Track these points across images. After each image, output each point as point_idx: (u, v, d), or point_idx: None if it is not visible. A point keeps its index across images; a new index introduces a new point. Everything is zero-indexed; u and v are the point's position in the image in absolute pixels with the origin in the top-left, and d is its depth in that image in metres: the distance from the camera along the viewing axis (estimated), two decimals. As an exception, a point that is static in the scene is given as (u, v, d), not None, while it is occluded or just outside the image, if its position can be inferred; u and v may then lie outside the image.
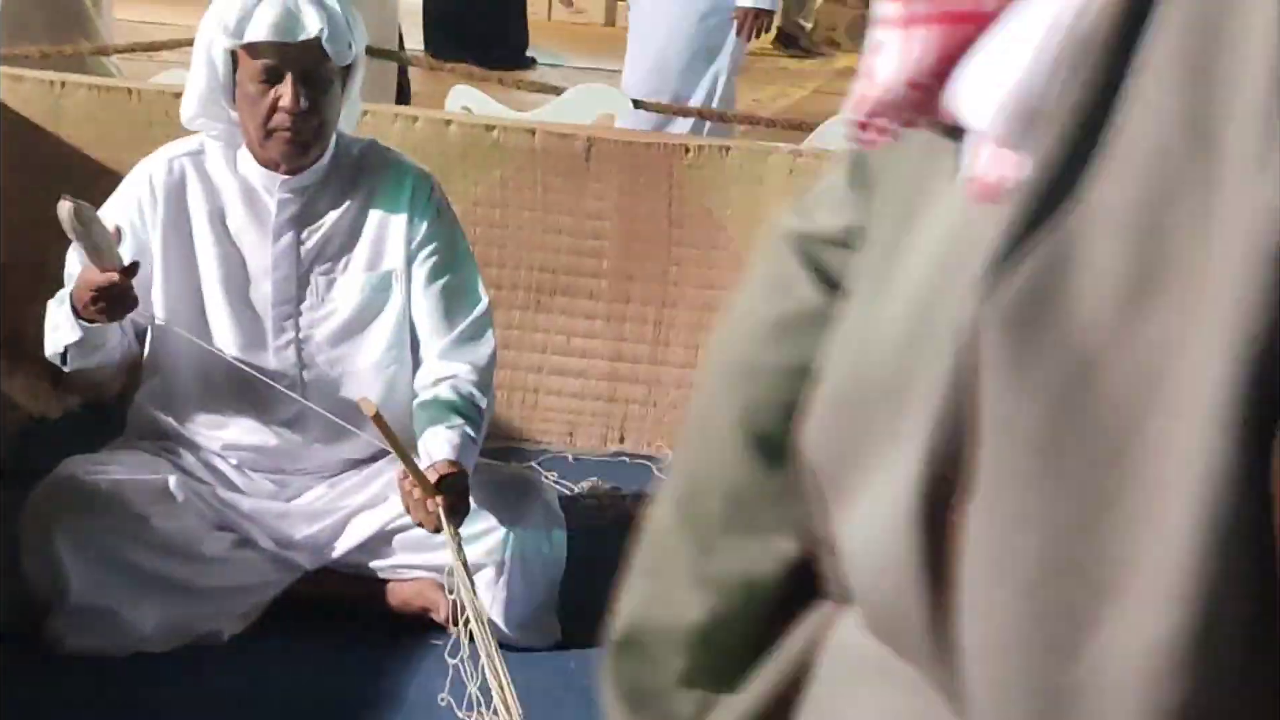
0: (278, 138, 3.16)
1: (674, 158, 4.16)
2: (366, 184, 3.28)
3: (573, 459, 4.19)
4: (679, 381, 4.24)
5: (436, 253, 3.29)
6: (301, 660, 3.13)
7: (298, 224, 3.24)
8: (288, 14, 3.09)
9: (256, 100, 3.13)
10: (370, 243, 3.27)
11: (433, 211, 3.30)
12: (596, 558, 3.48)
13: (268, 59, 3.10)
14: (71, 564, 3.04)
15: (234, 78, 3.16)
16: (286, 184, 3.22)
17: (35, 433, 4.08)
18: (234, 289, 3.23)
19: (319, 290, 3.26)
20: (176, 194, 3.24)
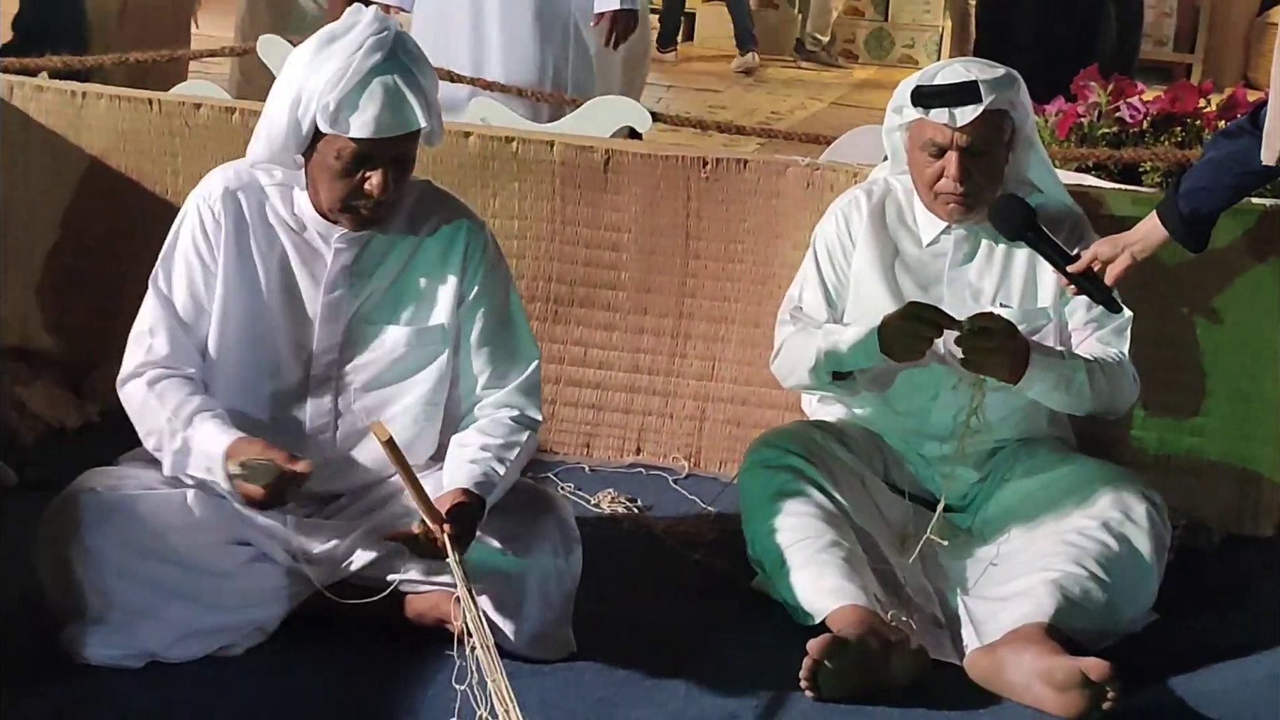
0: (354, 213, 3.11)
1: (692, 171, 4.15)
2: (420, 233, 3.22)
3: (589, 470, 4.18)
4: (696, 393, 4.23)
5: (489, 311, 3.25)
6: (317, 672, 3.12)
7: (350, 274, 3.19)
8: (393, 111, 3.01)
9: (339, 178, 3.07)
10: (420, 297, 3.22)
11: (486, 267, 3.25)
12: (612, 571, 3.50)
13: (362, 148, 3.03)
14: (87, 577, 3.02)
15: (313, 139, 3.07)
16: (345, 236, 3.17)
17: (54, 441, 4.07)
18: (284, 328, 3.19)
19: (364, 340, 3.21)
20: (239, 227, 3.17)
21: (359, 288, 3.20)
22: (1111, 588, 3.33)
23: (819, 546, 3.35)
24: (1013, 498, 3.56)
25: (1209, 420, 4.04)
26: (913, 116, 3.53)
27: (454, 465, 3.13)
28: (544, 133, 4.34)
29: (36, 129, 4.29)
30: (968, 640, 3.31)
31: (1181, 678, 3.32)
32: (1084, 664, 3.12)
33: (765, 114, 8.94)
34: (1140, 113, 4.20)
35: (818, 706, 3.10)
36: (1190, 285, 3.94)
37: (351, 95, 3.00)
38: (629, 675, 3.17)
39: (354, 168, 3.05)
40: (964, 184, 3.50)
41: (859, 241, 3.65)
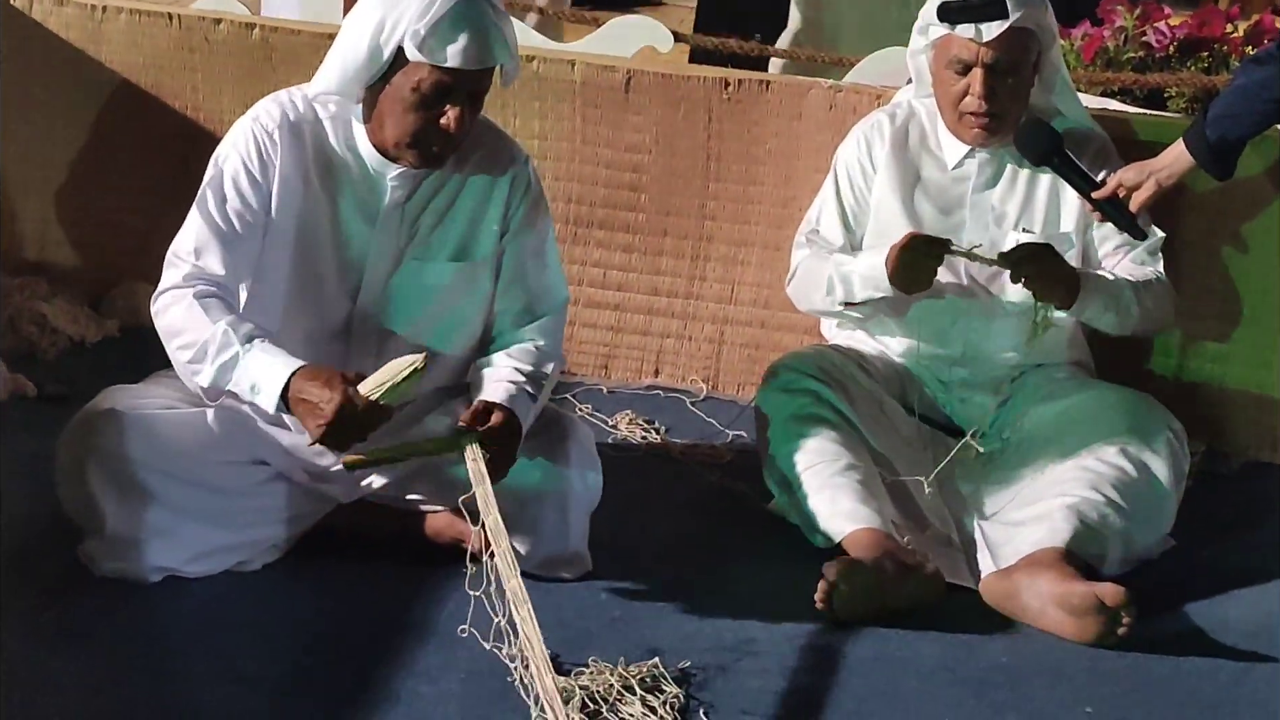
0: (423, 149, 3.06)
1: (713, 92, 4.12)
2: (469, 168, 3.19)
3: (607, 391, 4.18)
4: (715, 316, 4.22)
5: (527, 246, 3.24)
6: (334, 587, 3.13)
7: (402, 210, 3.17)
8: (481, 44, 2.97)
9: (414, 110, 3.01)
10: (465, 233, 3.20)
11: (529, 203, 3.24)
12: (629, 491, 3.50)
13: (444, 78, 2.98)
14: (105, 496, 3.02)
15: (387, 71, 3.02)
16: (402, 174, 3.13)
17: (74, 356, 4.08)
18: (334, 259, 3.16)
19: (412, 275, 3.19)
20: (297, 156, 3.11)
21: (409, 225, 3.18)
22: (1128, 513, 3.32)
23: (835, 470, 3.35)
24: (1031, 423, 3.55)
25: (1229, 347, 4.02)
26: (939, 33, 3.49)
27: (489, 384, 3.12)
28: (565, 52, 4.31)
29: (56, 43, 4.27)
30: (983, 564, 3.31)
31: (1198, 604, 3.32)
32: (1100, 589, 3.11)
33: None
34: (1167, 37, 4.17)
35: (832, 628, 3.10)
36: (1213, 212, 3.91)
37: (443, 24, 2.95)
38: (645, 595, 3.18)
39: (433, 100, 3.00)
40: (989, 102, 3.47)
41: (880, 165, 3.63)
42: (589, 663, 2.88)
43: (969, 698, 2.95)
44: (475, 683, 2.85)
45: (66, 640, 2.90)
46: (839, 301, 3.52)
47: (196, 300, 3.02)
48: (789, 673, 2.96)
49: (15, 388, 3.81)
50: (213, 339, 2.98)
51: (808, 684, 2.94)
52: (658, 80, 4.15)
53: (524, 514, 3.13)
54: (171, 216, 4.15)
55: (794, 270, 3.63)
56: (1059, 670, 3.06)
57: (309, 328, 3.17)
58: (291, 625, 3.02)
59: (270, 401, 2.95)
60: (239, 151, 3.11)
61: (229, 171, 3.10)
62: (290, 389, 2.93)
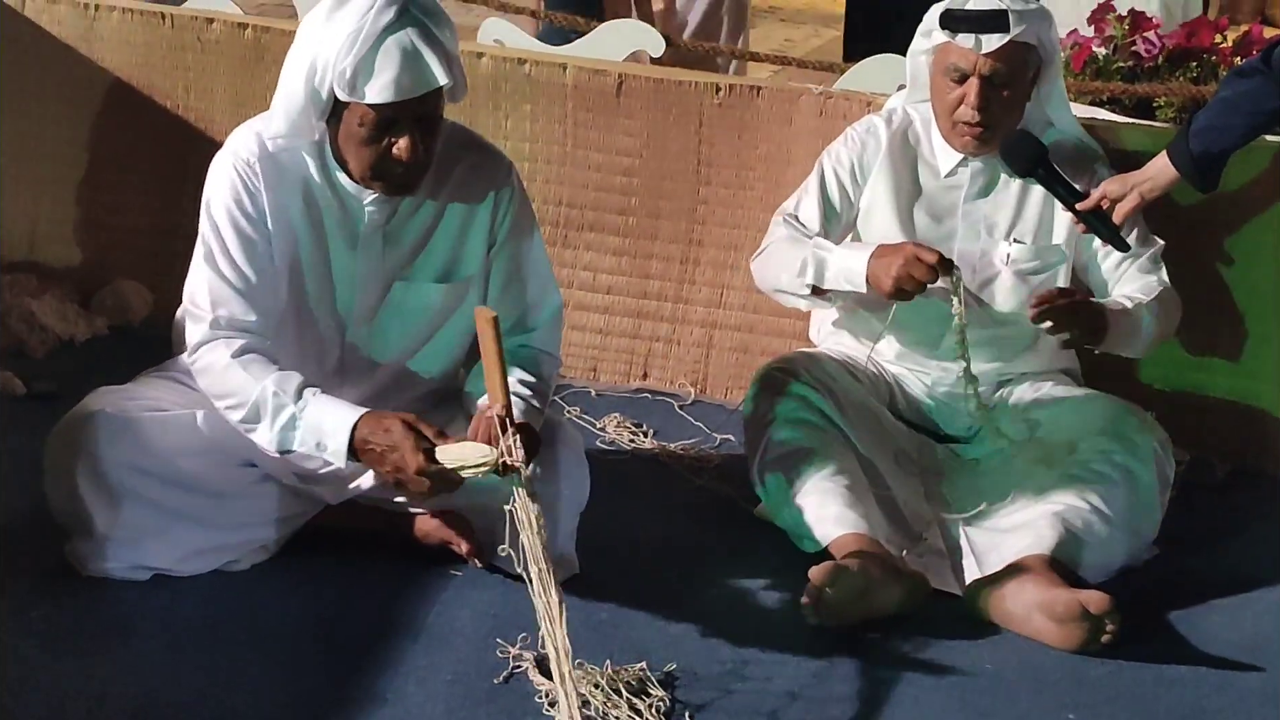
0: (387, 179, 3.03)
1: (704, 97, 4.13)
2: (450, 184, 3.17)
3: (596, 394, 4.19)
4: (704, 320, 4.23)
5: (515, 256, 3.24)
6: (322, 587, 3.14)
7: (384, 236, 3.15)
8: (411, 70, 2.90)
9: (365, 145, 2.98)
10: (451, 251, 3.19)
11: (514, 213, 3.22)
12: (617, 494, 3.51)
13: (385, 114, 2.94)
14: (93, 498, 3.02)
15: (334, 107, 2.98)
16: (378, 199, 3.11)
17: (63, 354, 4.08)
18: (320, 287, 3.15)
19: (398, 298, 3.18)
20: (279, 187, 3.08)
21: (392, 248, 3.17)
22: (1114, 521, 3.33)
23: (823, 474, 3.36)
24: (1017, 431, 3.56)
25: (1214, 357, 4.04)
26: (939, 40, 3.50)
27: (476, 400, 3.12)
28: (557, 55, 4.32)
29: (48, 41, 4.27)
30: (968, 570, 3.32)
31: (1182, 612, 3.33)
32: (1084, 596, 3.13)
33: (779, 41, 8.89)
34: (1156, 47, 4.19)
35: (818, 632, 3.11)
36: (1200, 223, 3.92)
37: (366, 60, 2.89)
38: (632, 598, 3.19)
39: (379, 134, 2.96)
40: (982, 113, 3.47)
41: (874, 169, 3.63)
42: (577, 665, 2.89)
43: (953, 703, 2.96)
44: (463, 683, 2.86)
45: (54, 639, 2.90)
46: (807, 283, 3.48)
47: (235, 360, 2.99)
48: (774, 676, 2.97)
49: (3, 385, 3.81)
50: (263, 401, 2.95)
51: (793, 688, 2.95)
52: (649, 84, 4.16)
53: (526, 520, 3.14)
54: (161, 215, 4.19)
55: (764, 246, 3.61)
56: (1043, 676, 3.07)
57: (302, 354, 3.15)
58: (279, 625, 3.03)
59: (340, 456, 2.93)
60: (227, 193, 3.06)
61: (223, 218, 3.06)
62: (357, 439, 2.91)
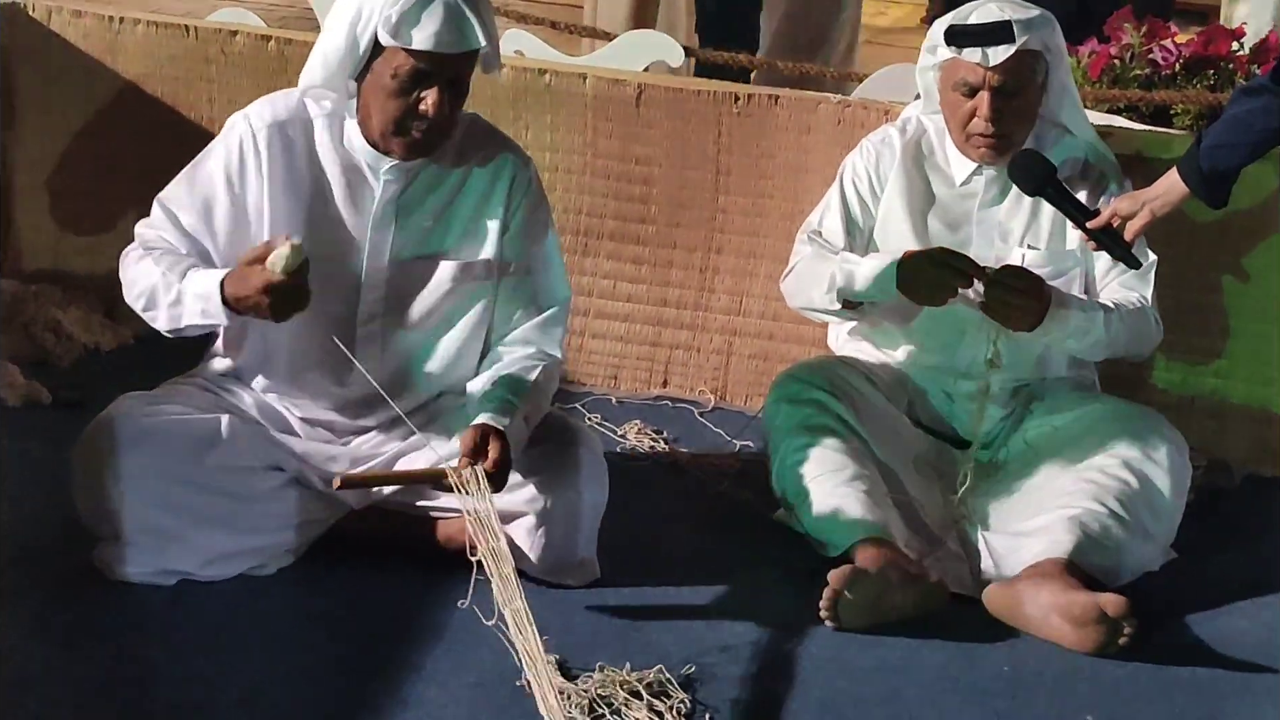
0: (409, 137, 3.10)
1: (723, 106, 4.15)
2: (466, 167, 3.23)
3: (616, 402, 4.21)
4: (723, 327, 4.25)
5: (529, 247, 3.27)
6: (346, 592, 3.17)
7: (398, 208, 3.20)
8: (454, 26, 3.01)
9: (393, 96, 3.06)
10: (465, 232, 3.24)
11: (530, 202, 3.27)
12: (637, 500, 3.53)
13: (421, 64, 3.02)
14: (120, 501, 3.05)
15: (369, 60, 3.08)
16: (395, 167, 3.17)
17: (89, 363, 4.11)
18: (329, 258, 3.17)
19: (411, 274, 3.23)
20: (285, 159, 3.16)
21: (406, 220, 3.20)
22: (1131, 525, 3.35)
23: (841, 480, 3.38)
24: (1035, 435, 3.58)
25: (1231, 362, 4.05)
26: (946, 56, 3.52)
27: (472, 404, 3.15)
28: (577, 65, 4.35)
29: (73, 54, 4.30)
30: (987, 574, 3.34)
31: (1199, 616, 3.35)
32: (1101, 600, 3.15)
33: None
34: (1173, 55, 4.19)
35: (837, 636, 3.14)
36: (1215, 231, 3.94)
37: (414, 9, 3.00)
38: (652, 603, 3.21)
39: (410, 85, 3.05)
40: (996, 125, 3.50)
41: (889, 179, 3.66)
42: (596, 668, 2.92)
43: (971, 706, 2.99)
44: (484, 687, 2.89)
45: (81, 644, 2.93)
46: (838, 298, 3.53)
47: (145, 254, 3.13)
48: (793, 679, 3.00)
49: (30, 394, 3.84)
50: (157, 286, 3.08)
51: (812, 691, 2.98)
52: (668, 94, 4.18)
53: (533, 522, 3.17)
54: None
55: (792, 265, 3.64)
56: (1061, 679, 3.09)
57: (312, 328, 3.18)
58: (302, 630, 3.06)
59: (218, 314, 3.02)
60: (221, 155, 3.19)
61: (209, 166, 3.19)
62: (227, 298, 3.00)
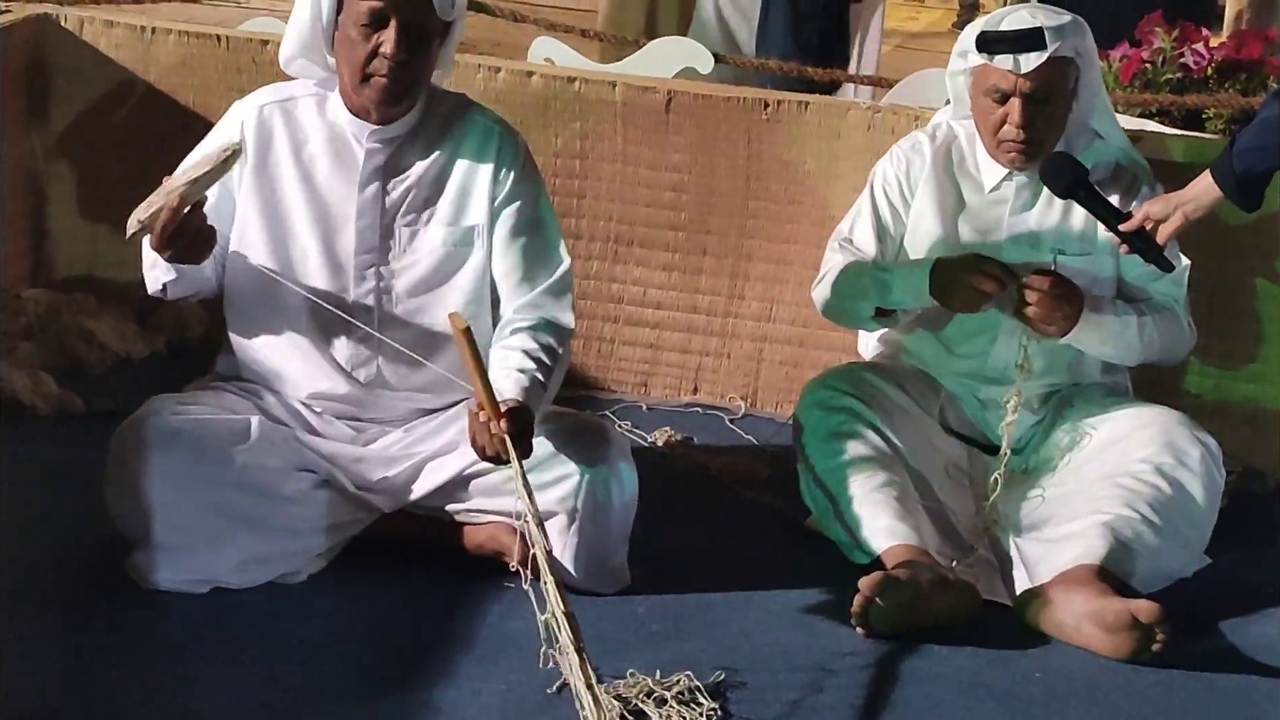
0: (374, 84, 3.17)
1: (753, 112, 4.16)
2: (454, 138, 3.29)
3: (646, 409, 4.21)
4: (754, 334, 4.25)
5: (520, 211, 3.29)
6: (377, 599, 3.17)
7: (384, 174, 3.26)
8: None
9: (356, 44, 3.15)
10: (454, 197, 3.28)
11: (518, 169, 3.30)
12: (668, 507, 3.54)
13: (374, 3, 3.12)
14: (154, 502, 3.07)
15: (336, 22, 3.18)
16: (376, 133, 3.24)
17: (122, 372, 4.13)
18: (318, 236, 3.25)
19: (402, 241, 3.27)
20: (264, 141, 3.26)
21: (394, 187, 3.26)
22: (1164, 531, 3.34)
23: (872, 486, 3.38)
24: (1067, 441, 3.57)
25: (1266, 367, 4.04)
26: (977, 62, 3.52)
27: (499, 374, 3.12)
28: (606, 73, 4.35)
29: (106, 63, 4.33)
30: (1019, 580, 3.33)
31: (1232, 622, 3.34)
32: (1134, 606, 3.14)
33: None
34: (1205, 59, 4.19)
35: (868, 643, 3.13)
36: (1249, 234, 3.92)
37: None
38: (683, 610, 3.21)
39: (370, 29, 3.13)
40: (1027, 131, 3.49)
41: (919, 185, 3.65)
42: (626, 675, 2.92)
43: (1003, 713, 2.98)
44: (517, 694, 2.89)
45: (115, 653, 2.94)
46: (872, 305, 3.53)
47: None
48: (825, 687, 2.99)
49: (64, 404, 3.86)
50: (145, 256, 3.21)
51: (843, 698, 2.97)
52: (698, 101, 4.19)
53: (565, 521, 3.17)
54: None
55: (823, 274, 3.63)
56: (1093, 686, 3.08)
57: (307, 300, 3.23)
58: (334, 638, 3.06)
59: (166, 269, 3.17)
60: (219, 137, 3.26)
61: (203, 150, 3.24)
62: None
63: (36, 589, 3.11)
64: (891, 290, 3.49)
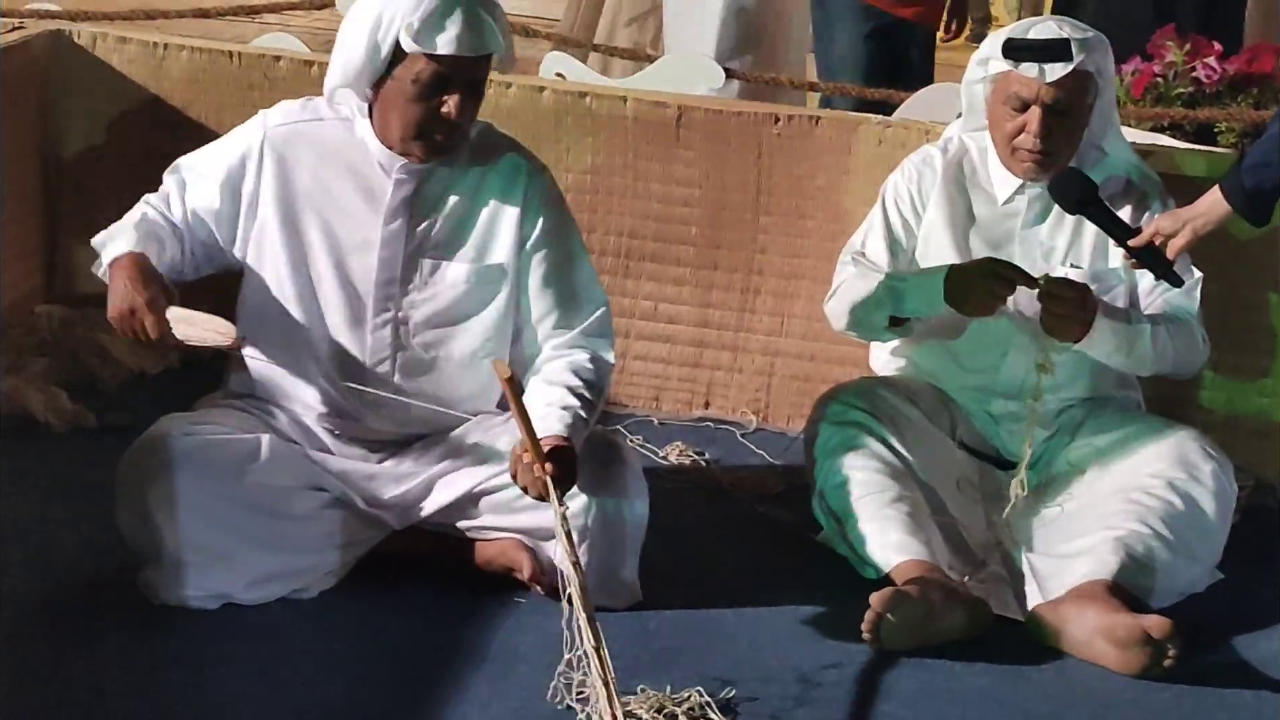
0: (428, 139, 3.15)
1: (763, 127, 4.16)
2: (480, 172, 3.26)
3: (658, 423, 4.21)
4: (765, 348, 4.25)
5: (550, 256, 3.28)
6: (388, 615, 3.17)
7: (411, 206, 3.23)
8: (475, 30, 3.07)
9: (414, 101, 3.11)
10: (480, 234, 3.26)
11: (547, 209, 3.28)
12: (679, 522, 3.53)
13: (442, 68, 3.08)
14: (165, 520, 3.07)
15: (389, 67, 3.12)
16: (406, 166, 3.21)
17: (135, 387, 4.14)
18: (336, 262, 3.23)
19: (424, 274, 3.25)
20: (290, 162, 3.23)
21: (419, 220, 3.24)
22: (1175, 546, 3.33)
23: (884, 501, 3.37)
24: (1079, 456, 3.56)
25: (1278, 382, 4.03)
26: (1000, 68, 3.51)
27: (543, 411, 3.12)
28: (617, 88, 4.36)
29: (119, 79, 4.34)
30: (1030, 596, 3.32)
31: (1245, 637, 3.33)
32: (1146, 621, 3.13)
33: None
34: (1216, 73, 4.17)
35: (880, 659, 3.12)
36: (1263, 246, 3.92)
37: (435, 14, 3.05)
38: (694, 625, 3.21)
39: (432, 91, 3.09)
40: (1044, 141, 3.49)
41: (931, 198, 3.65)
42: (638, 691, 2.92)
43: (1015, 729, 2.98)
44: (527, 709, 2.88)
45: (127, 669, 2.94)
46: (885, 314, 3.53)
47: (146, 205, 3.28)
48: (835, 703, 2.99)
49: (77, 420, 3.87)
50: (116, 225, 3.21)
51: (854, 714, 2.97)
52: (708, 116, 4.19)
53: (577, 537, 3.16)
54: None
55: (836, 286, 3.63)
56: (1105, 702, 3.07)
57: (326, 325, 3.23)
58: (345, 654, 3.06)
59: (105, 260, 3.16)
60: (237, 143, 3.27)
61: (219, 151, 3.28)
62: (116, 262, 3.12)
63: (49, 603, 3.11)
64: (906, 298, 3.49)
